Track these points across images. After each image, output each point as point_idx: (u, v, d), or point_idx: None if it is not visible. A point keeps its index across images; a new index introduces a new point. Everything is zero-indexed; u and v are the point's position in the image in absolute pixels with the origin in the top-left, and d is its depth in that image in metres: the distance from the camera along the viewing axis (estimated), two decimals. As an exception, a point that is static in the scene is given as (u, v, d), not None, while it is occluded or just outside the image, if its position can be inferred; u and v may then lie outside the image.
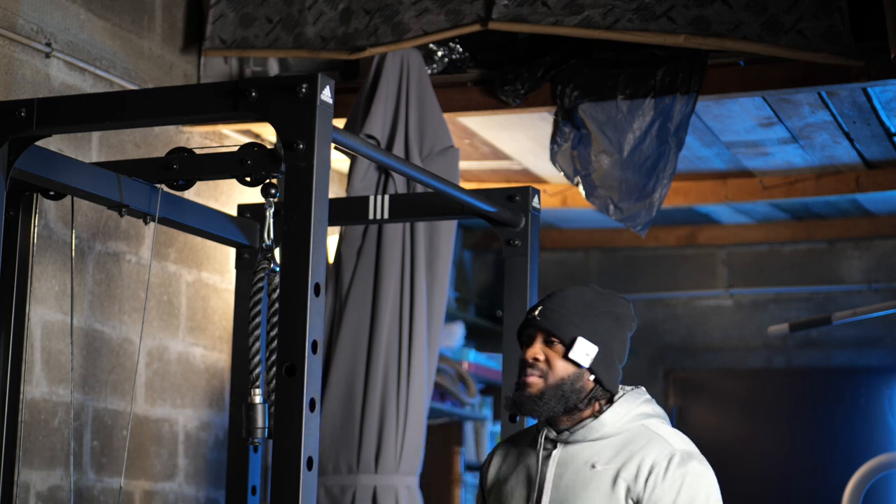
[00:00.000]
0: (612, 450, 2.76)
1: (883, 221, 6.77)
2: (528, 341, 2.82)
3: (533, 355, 2.78)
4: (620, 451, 2.75)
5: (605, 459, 2.75)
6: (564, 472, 2.79)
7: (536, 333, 2.81)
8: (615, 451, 2.76)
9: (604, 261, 7.48)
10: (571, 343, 2.76)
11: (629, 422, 2.79)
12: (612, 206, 4.71)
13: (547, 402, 2.76)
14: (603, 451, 2.77)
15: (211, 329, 5.08)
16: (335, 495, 4.54)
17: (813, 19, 4.14)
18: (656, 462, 2.70)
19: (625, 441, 2.77)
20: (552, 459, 2.81)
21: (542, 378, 2.77)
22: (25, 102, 2.71)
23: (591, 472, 2.75)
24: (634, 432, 2.78)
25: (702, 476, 2.73)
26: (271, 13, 4.78)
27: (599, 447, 2.78)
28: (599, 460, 2.76)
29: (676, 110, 4.56)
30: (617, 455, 2.75)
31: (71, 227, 4.16)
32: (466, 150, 5.61)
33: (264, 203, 2.93)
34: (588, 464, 2.76)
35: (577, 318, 2.78)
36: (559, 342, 2.78)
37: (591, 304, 2.82)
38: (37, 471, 4.16)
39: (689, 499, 2.68)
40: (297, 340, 2.41)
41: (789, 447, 6.92)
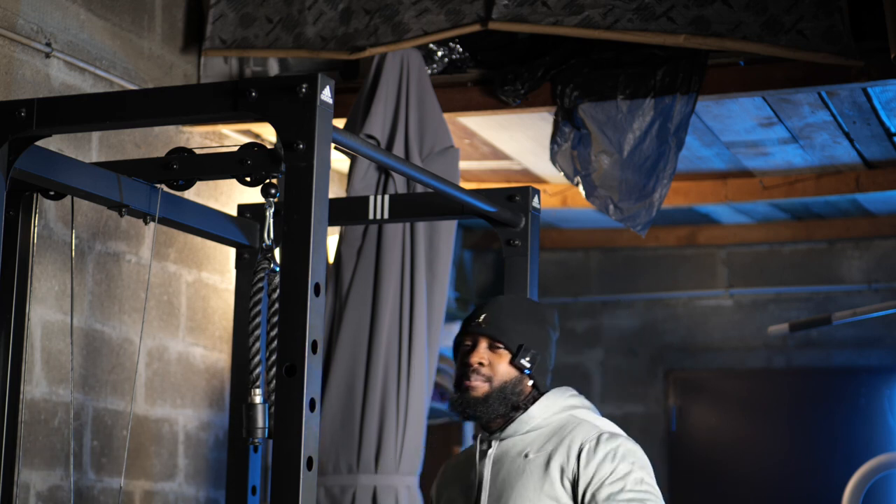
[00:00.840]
0: (543, 439, 2.91)
1: (883, 221, 6.77)
2: (472, 346, 2.97)
3: (478, 360, 2.95)
4: (550, 439, 2.90)
5: (537, 448, 2.90)
6: (500, 467, 2.93)
7: (480, 339, 2.97)
8: (545, 440, 2.90)
9: (604, 261, 7.48)
10: (518, 350, 2.93)
11: (557, 412, 2.94)
12: (612, 206, 4.72)
13: (491, 404, 2.93)
14: (534, 442, 2.91)
15: (211, 329, 5.08)
16: (335, 495, 4.54)
17: (813, 19, 4.14)
18: (585, 440, 2.84)
19: (554, 430, 2.92)
20: (488, 458, 2.96)
21: (486, 382, 2.94)
22: (25, 102, 2.71)
23: (524, 462, 2.89)
24: (563, 421, 2.93)
25: (633, 451, 2.85)
26: (271, 13, 4.78)
27: (530, 439, 2.92)
28: (531, 450, 2.90)
29: (676, 110, 4.56)
30: (547, 442, 2.89)
31: (71, 227, 4.16)
32: (466, 150, 5.61)
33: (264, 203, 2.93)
34: (521, 455, 2.90)
35: (520, 326, 2.96)
36: (504, 348, 2.95)
37: (528, 312, 3.00)
38: (37, 471, 4.16)
39: (625, 469, 2.80)
40: (297, 340, 2.41)
41: (789, 447, 6.92)
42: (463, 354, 2.98)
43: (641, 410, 7.16)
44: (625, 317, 7.40)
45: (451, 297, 7.12)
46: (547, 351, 2.98)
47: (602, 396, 7.26)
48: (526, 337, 2.95)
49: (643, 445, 2.96)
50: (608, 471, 2.79)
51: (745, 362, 7.15)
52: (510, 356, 2.94)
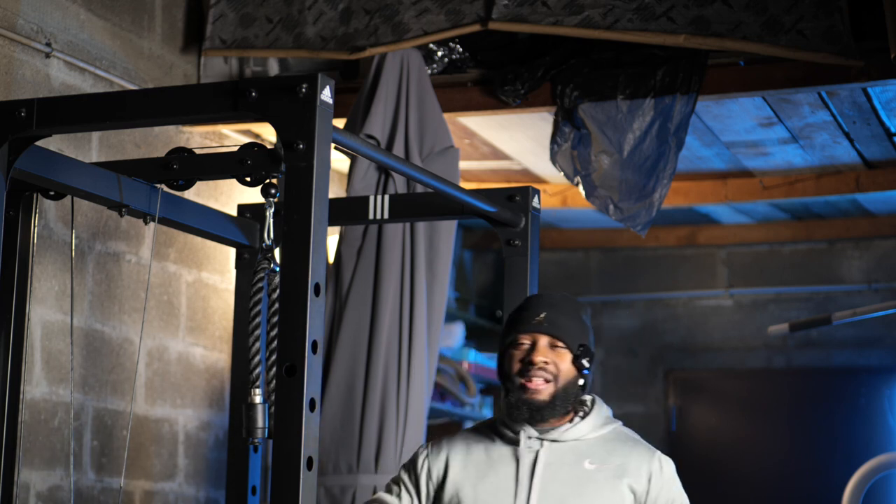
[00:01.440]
0: (600, 449, 2.91)
1: (883, 221, 6.77)
2: (531, 345, 2.92)
3: (543, 358, 2.89)
4: (612, 452, 2.91)
5: (599, 458, 2.90)
6: (555, 471, 2.88)
7: (539, 337, 2.92)
8: (606, 452, 2.91)
9: (604, 261, 7.48)
10: (580, 349, 2.91)
11: (604, 424, 2.96)
12: (612, 206, 4.72)
13: (557, 406, 2.91)
14: (591, 451, 2.91)
15: (211, 329, 5.08)
16: (335, 495, 4.54)
17: (813, 19, 4.14)
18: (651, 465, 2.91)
19: (606, 442, 2.94)
20: (539, 457, 2.90)
21: (550, 382, 2.90)
22: (25, 102, 2.71)
23: (587, 471, 2.88)
24: (612, 434, 2.96)
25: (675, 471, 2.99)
26: (271, 13, 4.78)
27: (585, 447, 2.91)
28: (592, 459, 2.90)
29: (676, 110, 4.56)
30: (610, 455, 2.90)
31: (71, 227, 4.16)
32: (466, 150, 5.61)
33: (264, 203, 2.93)
34: (580, 462, 2.89)
35: (576, 327, 2.94)
36: (565, 348, 2.91)
37: (577, 311, 2.99)
38: (37, 471, 4.16)
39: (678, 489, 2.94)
40: (297, 340, 2.41)
41: (789, 447, 6.92)
42: (522, 353, 2.92)
43: (641, 410, 7.16)
44: (625, 317, 7.40)
45: (451, 297, 7.12)
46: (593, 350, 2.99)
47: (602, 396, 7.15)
48: (583, 336, 2.94)
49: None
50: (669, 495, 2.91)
51: (745, 362, 7.15)
52: (571, 356, 2.91)
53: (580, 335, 2.93)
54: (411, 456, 3.09)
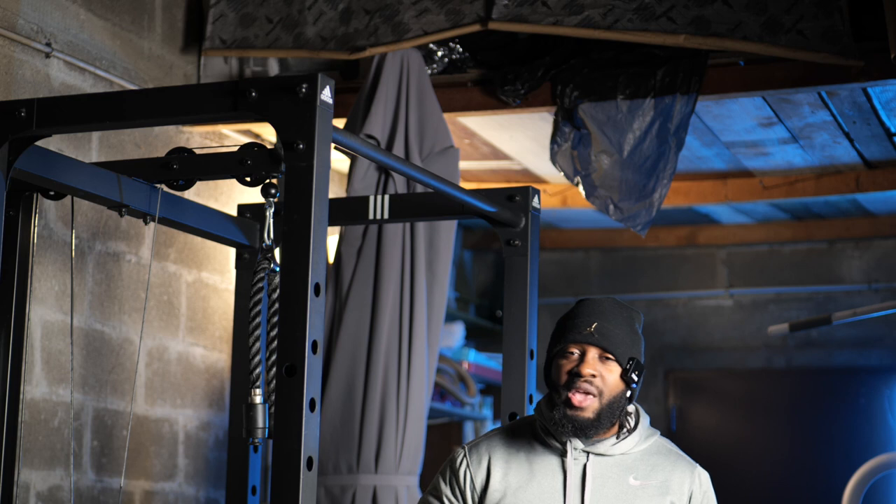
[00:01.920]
0: (643, 464, 2.87)
1: (883, 221, 6.77)
2: (580, 356, 2.82)
3: (591, 371, 2.79)
4: (655, 468, 2.88)
5: (644, 475, 2.86)
6: (602, 484, 2.84)
7: (589, 349, 2.82)
8: (649, 467, 2.87)
9: (604, 261, 7.48)
10: (629, 363, 2.82)
11: (648, 437, 2.91)
12: (612, 206, 4.71)
13: (602, 423, 2.81)
14: (635, 466, 2.87)
15: (211, 329, 5.08)
16: (335, 495, 4.54)
17: (813, 19, 4.14)
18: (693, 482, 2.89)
19: (649, 456, 2.89)
20: (587, 471, 2.84)
21: (595, 396, 2.80)
22: (25, 102, 2.71)
23: (632, 487, 2.84)
24: (654, 448, 2.91)
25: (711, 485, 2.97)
26: (271, 13, 4.78)
27: (630, 461, 2.87)
28: (637, 475, 2.86)
29: (676, 110, 4.56)
30: (653, 471, 2.87)
31: (71, 227, 4.16)
32: (466, 150, 5.61)
33: (264, 203, 2.93)
34: (626, 477, 2.85)
35: (628, 338, 2.84)
36: (615, 361, 2.82)
37: (629, 321, 2.88)
38: (37, 471, 4.16)
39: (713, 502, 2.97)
40: (297, 340, 2.41)
41: (789, 447, 6.91)
42: (570, 363, 2.81)
43: (641, 410, 7.16)
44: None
45: (451, 297, 7.12)
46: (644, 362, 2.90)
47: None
48: (633, 349, 2.84)
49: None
50: None
51: (745, 362, 7.15)
52: (620, 370, 2.81)
53: (631, 347, 2.83)
54: (447, 464, 2.95)
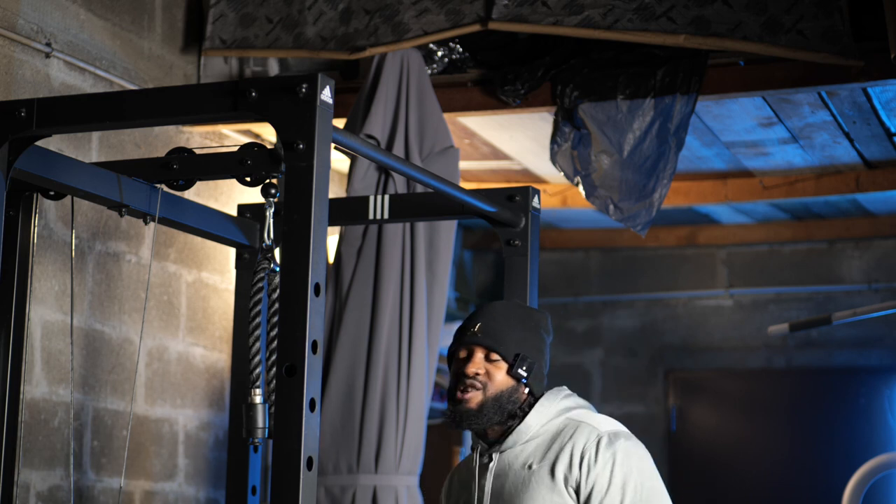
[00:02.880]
0: (544, 447, 2.86)
1: (883, 221, 6.77)
2: (467, 356, 2.92)
3: (475, 370, 2.88)
4: (551, 446, 2.85)
5: (539, 457, 2.85)
6: (504, 480, 2.87)
7: (475, 349, 2.91)
8: (546, 447, 2.85)
9: (604, 261, 7.48)
10: (514, 359, 2.88)
11: (553, 417, 2.89)
12: (612, 206, 4.71)
13: (486, 414, 2.87)
14: (536, 451, 2.86)
15: (211, 329, 5.08)
16: (335, 495, 4.54)
17: (813, 19, 4.14)
18: (586, 447, 2.79)
19: (553, 436, 2.86)
20: (489, 472, 2.91)
21: (480, 391, 2.88)
22: (25, 102, 2.71)
23: (528, 473, 2.84)
24: (561, 425, 2.88)
25: (632, 454, 2.80)
26: (271, 13, 4.78)
27: (532, 448, 2.87)
28: (534, 460, 2.85)
29: (676, 110, 4.56)
30: (549, 450, 2.84)
31: (71, 227, 4.16)
32: (466, 150, 5.61)
33: (264, 203, 2.93)
34: (524, 466, 2.86)
35: (515, 335, 2.91)
36: (501, 358, 2.89)
37: (522, 319, 2.95)
38: (37, 471, 4.16)
39: (623, 478, 2.77)
40: (297, 340, 2.41)
41: (789, 447, 6.92)
42: (458, 365, 2.92)
43: (641, 410, 7.16)
44: (625, 317, 7.40)
45: (451, 297, 7.12)
46: (542, 357, 2.93)
47: (602, 396, 7.26)
48: (522, 345, 2.89)
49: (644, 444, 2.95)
50: (606, 481, 2.75)
51: (745, 362, 7.15)
52: (507, 366, 2.88)
53: (518, 343, 2.88)
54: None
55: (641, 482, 2.77)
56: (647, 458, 2.83)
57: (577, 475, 2.77)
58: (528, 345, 2.91)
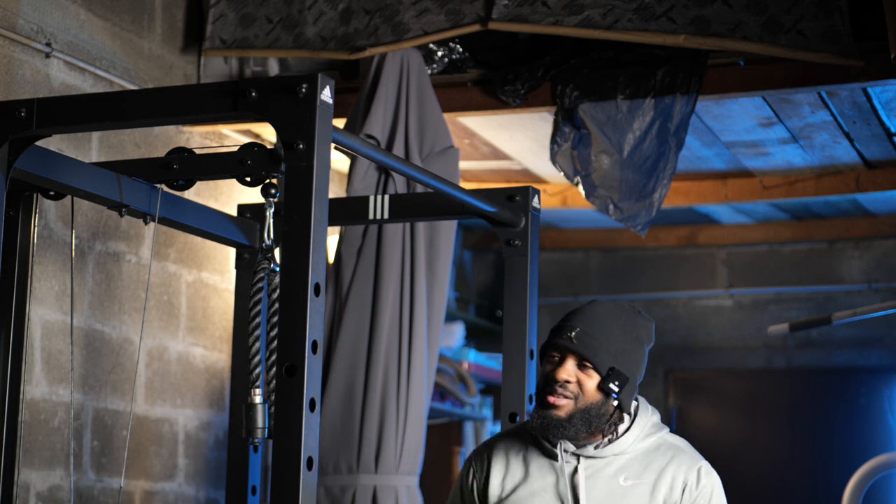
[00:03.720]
0: (639, 464, 2.85)
1: (883, 221, 6.77)
2: (560, 360, 2.83)
3: (566, 377, 2.80)
4: (648, 466, 2.84)
5: (635, 474, 2.84)
6: (594, 486, 2.83)
7: (569, 355, 2.82)
8: (643, 466, 2.85)
9: (604, 261, 7.48)
10: (608, 374, 2.80)
11: (646, 436, 2.88)
12: (612, 206, 4.71)
13: (574, 425, 2.80)
14: (629, 466, 2.85)
15: (211, 329, 5.08)
16: (335, 495, 4.54)
17: (813, 19, 4.14)
18: (688, 476, 2.84)
19: (647, 454, 2.86)
20: (580, 475, 2.84)
21: (570, 400, 2.80)
22: (25, 102, 2.71)
23: (623, 487, 2.82)
24: (654, 445, 2.88)
25: (719, 485, 2.89)
26: (271, 13, 4.78)
27: (624, 461, 2.85)
28: (628, 475, 2.84)
29: (676, 110, 4.56)
30: (646, 469, 2.84)
31: (71, 227, 4.16)
32: (466, 150, 5.61)
33: (264, 203, 2.93)
34: (616, 478, 2.83)
35: (613, 348, 2.81)
36: (594, 369, 2.81)
37: (624, 329, 2.85)
38: (37, 471, 4.16)
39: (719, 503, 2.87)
40: (297, 340, 2.41)
41: (789, 447, 6.92)
42: (547, 367, 2.83)
43: (641, 410, 7.16)
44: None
45: (451, 297, 7.12)
46: (638, 369, 2.85)
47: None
48: (618, 359, 2.80)
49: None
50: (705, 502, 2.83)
51: (745, 362, 7.15)
52: (599, 378, 2.79)
53: (615, 356, 2.80)
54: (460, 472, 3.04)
55: None
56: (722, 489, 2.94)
57: (676, 498, 2.81)
58: (625, 357, 2.82)
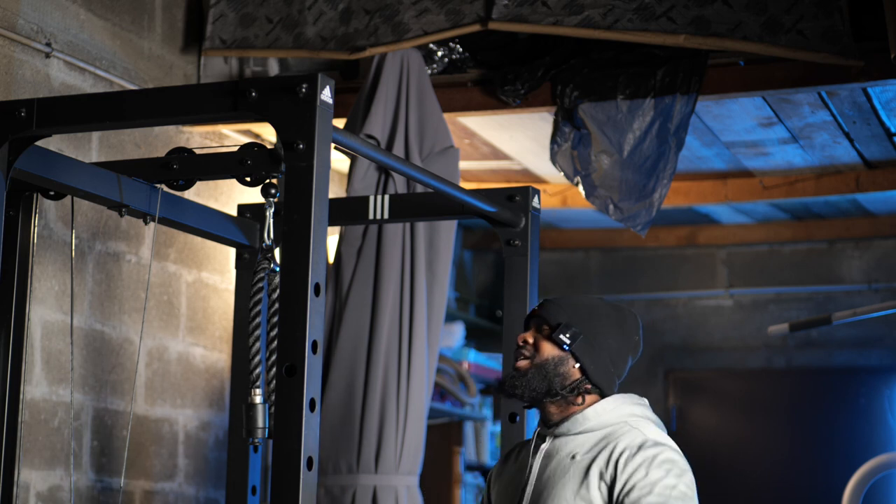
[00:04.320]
0: (593, 442, 2.83)
1: (883, 221, 6.77)
2: (524, 329, 2.94)
3: (523, 338, 2.90)
4: (599, 443, 2.82)
5: (585, 451, 2.83)
6: (549, 463, 2.87)
7: (532, 322, 2.93)
8: (595, 443, 2.83)
9: (604, 261, 7.48)
10: (557, 325, 2.86)
11: (614, 419, 2.85)
12: (612, 206, 4.72)
13: (529, 379, 2.85)
14: (584, 444, 2.84)
15: (211, 329, 5.08)
16: (335, 495, 4.54)
17: (813, 19, 4.14)
18: (628, 446, 2.76)
19: (606, 434, 2.84)
20: (540, 452, 2.90)
21: (528, 360, 2.88)
22: (25, 102, 2.71)
23: (571, 463, 2.82)
24: (616, 427, 2.84)
25: (673, 460, 2.75)
26: (271, 13, 4.78)
27: (582, 440, 2.85)
28: (580, 451, 2.83)
29: (676, 110, 4.56)
30: (595, 446, 2.82)
31: (71, 227, 4.16)
32: (466, 150, 5.61)
33: (264, 203, 2.94)
34: (570, 455, 2.84)
35: (570, 310, 2.88)
36: (548, 327, 2.88)
37: (594, 305, 2.91)
38: (37, 471, 4.16)
39: (658, 477, 2.71)
40: (297, 340, 2.41)
41: (789, 447, 6.92)
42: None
43: (641, 410, 7.16)
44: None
45: (451, 297, 7.12)
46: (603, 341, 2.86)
47: (602, 396, 7.25)
48: (573, 318, 2.85)
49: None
50: (641, 476, 2.71)
51: (745, 362, 7.15)
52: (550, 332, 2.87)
53: (569, 316, 2.85)
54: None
55: (674, 484, 2.72)
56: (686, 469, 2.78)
57: (611, 472, 2.74)
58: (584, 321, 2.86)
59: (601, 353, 2.87)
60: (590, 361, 2.86)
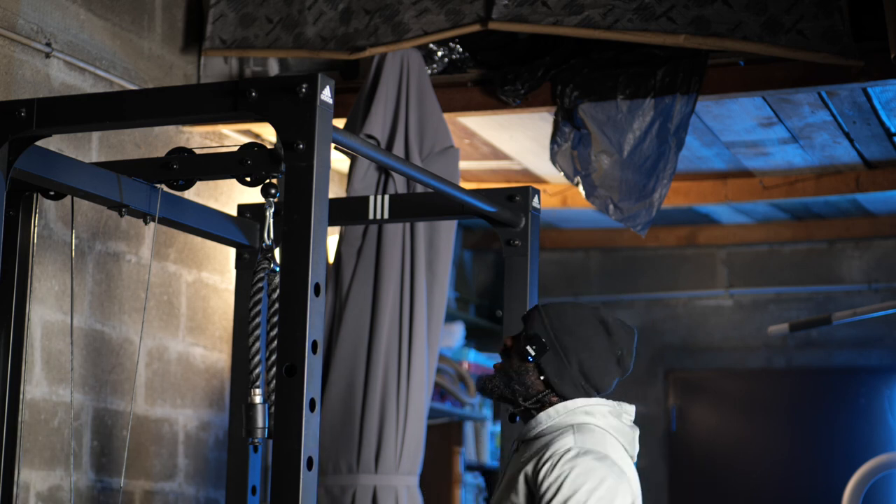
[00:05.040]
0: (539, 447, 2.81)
1: (883, 221, 6.77)
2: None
3: (504, 341, 2.93)
4: (540, 449, 2.79)
5: (529, 456, 2.81)
6: (508, 470, 2.90)
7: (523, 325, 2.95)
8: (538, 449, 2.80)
9: (604, 261, 7.48)
10: (524, 336, 2.88)
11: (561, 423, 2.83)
12: (612, 206, 4.72)
13: (497, 383, 2.88)
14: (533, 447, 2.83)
15: (211, 329, 5.08)
16: (335, 495, 4.54)
17: (813, 19, 4.14)
18: (553, 454, 2.74)
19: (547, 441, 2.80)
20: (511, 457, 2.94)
21: (500, 363, 2.92)
22: (25, 102, 2.71)
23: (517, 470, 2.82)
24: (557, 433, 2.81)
25: (591, 471, 2.70)
26: (271, 13, 4.78)
27: (537, 446, 2.83)
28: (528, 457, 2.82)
29: (676, 110, 4.56)
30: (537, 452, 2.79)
31: (71, 227, 4.16)
32: (466, 150, 5.61)
33: (264, 203, 2.94)
34: (521, 460, 2.84)
35: (552, 320, 2.87)
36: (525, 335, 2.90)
37: (580, 317, 2.87)
38: (37, 471, 4.16)
39: (571, 491, 2.68)
40: (297, 340, 2.41)
41: (789, 447, 6.92)
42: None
43: (641, 410, 7.11)
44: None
45: (451, 297, 7.12)
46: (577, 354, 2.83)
47: (602, 396, 7.25)
48: (548, 330, 2.84)
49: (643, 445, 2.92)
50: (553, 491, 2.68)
51: (745, 362, 7.15)
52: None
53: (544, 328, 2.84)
54: None
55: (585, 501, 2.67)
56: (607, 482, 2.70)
57: (533, 479, 2.73)
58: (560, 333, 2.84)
59: (570, 366, 2.84)
60: (555, 374, 2.84)
